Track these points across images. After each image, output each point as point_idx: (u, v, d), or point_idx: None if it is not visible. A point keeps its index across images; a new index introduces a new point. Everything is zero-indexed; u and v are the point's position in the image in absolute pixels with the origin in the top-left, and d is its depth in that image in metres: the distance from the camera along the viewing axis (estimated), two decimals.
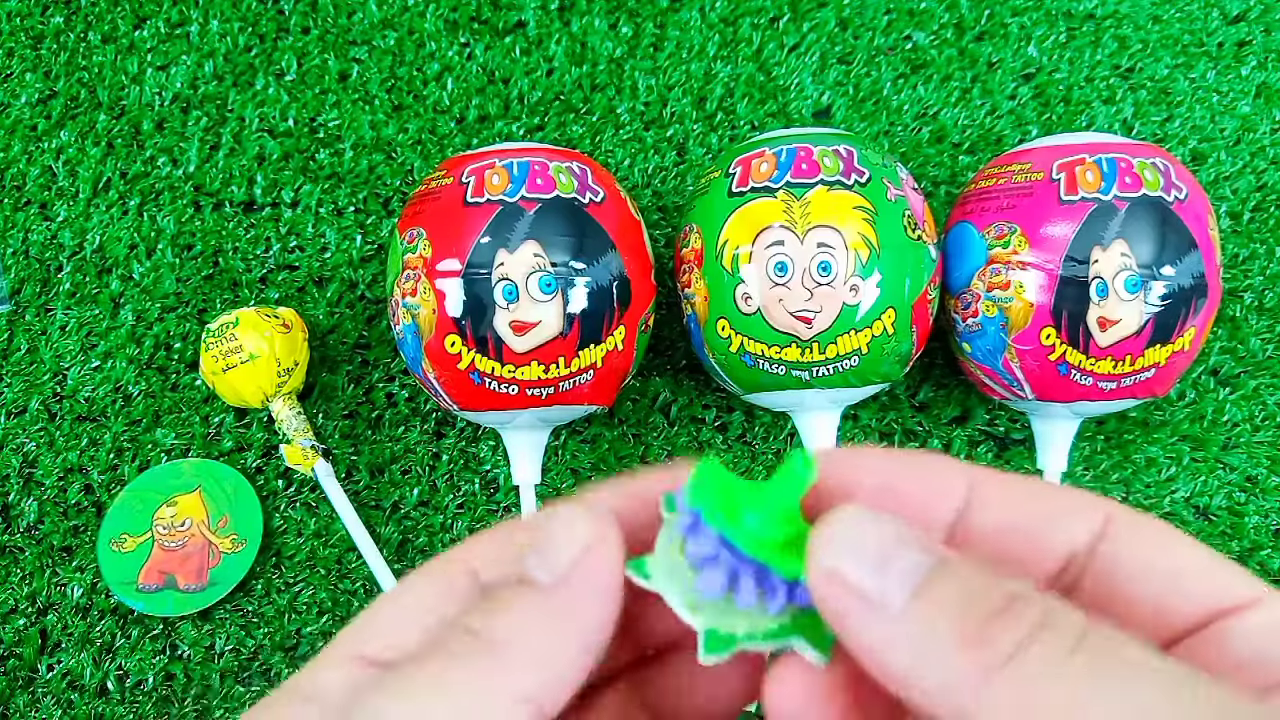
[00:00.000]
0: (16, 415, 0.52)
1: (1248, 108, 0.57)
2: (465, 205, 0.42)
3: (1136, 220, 0.41)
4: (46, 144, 0.57)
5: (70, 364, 0.53)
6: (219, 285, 0.54)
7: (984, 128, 0.57)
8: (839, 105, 0.57)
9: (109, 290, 0.54)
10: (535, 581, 0.16)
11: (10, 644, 0.48)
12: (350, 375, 0.52)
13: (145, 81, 0.58)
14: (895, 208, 0.43)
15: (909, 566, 0.14)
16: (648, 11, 0.59)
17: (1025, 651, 0.13)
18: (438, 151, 0.56)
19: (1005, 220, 0.44)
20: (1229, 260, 0.54)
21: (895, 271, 0.42)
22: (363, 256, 0.54)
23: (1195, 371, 0.52)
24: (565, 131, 0.57)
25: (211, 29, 0.58)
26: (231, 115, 0.57)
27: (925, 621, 0.14)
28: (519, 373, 0.42)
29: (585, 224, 0.43)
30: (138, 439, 0.51)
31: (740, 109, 0.57)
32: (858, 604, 0.14)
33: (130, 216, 0.55)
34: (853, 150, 0.43)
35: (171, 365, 0.53)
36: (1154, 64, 0.58)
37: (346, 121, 0.57)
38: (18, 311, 0.54)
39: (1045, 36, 0.58)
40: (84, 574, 0.49)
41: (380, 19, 0.59)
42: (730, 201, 0.43)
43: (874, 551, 0.15)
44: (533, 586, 0.16)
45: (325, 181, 0.56)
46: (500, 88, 0.58)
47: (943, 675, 0.13)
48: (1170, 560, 0.15)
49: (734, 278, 0.43)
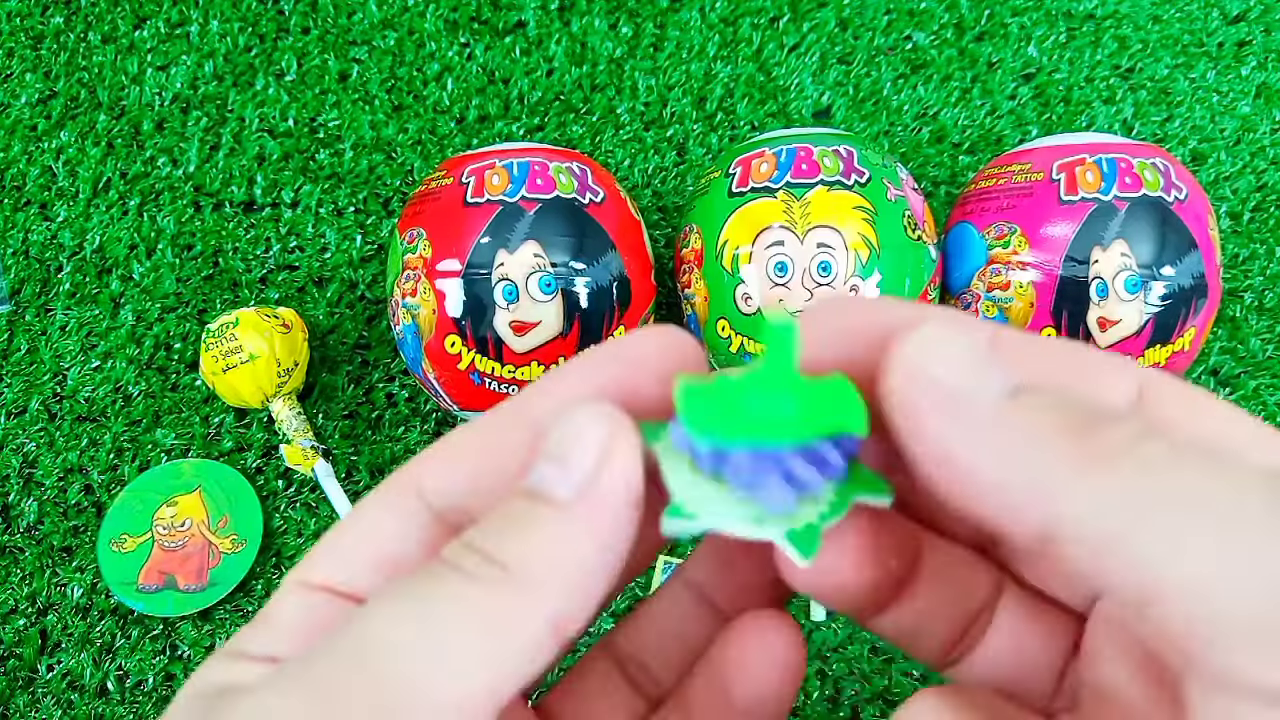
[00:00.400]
0: (16, 415, 0.52)
1: (1248, 108, 0.57)
2: (465, 205, 0.42)
3: (1136, 220, 0.41)
4: (46, 144, 0.57)
5: (70, 364, 0.53)
6: (219, 285, 0.54)
7: (984, 128, 0.57)
8: (839, 105, 0.57)
9: (109, 290, 0.54)
10: (553, 498, 0.14)
11: (10, 644, 0.48)
12: (350, 375, 0.52)
13: (145, 81, 0.58)
14: (895, 208, 0.43)
15: (1003, 373, 0.14)
16: (648, 11, 0.59)
17: (1131, 448, 0.12)
18: (438, 151, 0.56)
19: (1005, 220, 0.44)
20: (1229, 260, 0.54)
21: (895, 272, 0.42)
22: (363, 256, 0.54)
23: (1195, 371, 0.52)
24: (565, 131, 0.57)
25: (211, 29, 0.58)
26: (231, 115, 0.57)
27: (1025, 416, 0.13)
28: (519, 373, 0.42)
29: (585, 224, 0.43)
30: (138, 439, 0.51)
31: (740, 109, 0.57)
32: (945, 404, 0.14)
33: (130, 216, 0.55)
34: (853, 150, 0.43)
35: (171, 365, 0.53)
36: (1154, 64, 0.58)
37: (346, 121, 0.57)
38: (18, 311, 0.54)
39: (1045, 36, 0.58)
40: (84, 574, 0.49)
41: (380, 19, 0.59)
42: (730, 202, 0.43)
43: (966, 354, 0.14)
44: (550, 503, 0.14)
45: (325, 181, 0.56)
46: (500, 88, 0.58)
47: (1036, 472, 0.13)
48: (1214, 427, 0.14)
49: (734, 278, 0.43)
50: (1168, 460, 0.12)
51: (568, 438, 0.15)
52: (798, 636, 0.17)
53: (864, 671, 0.48)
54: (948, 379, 0.14)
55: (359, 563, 0.16)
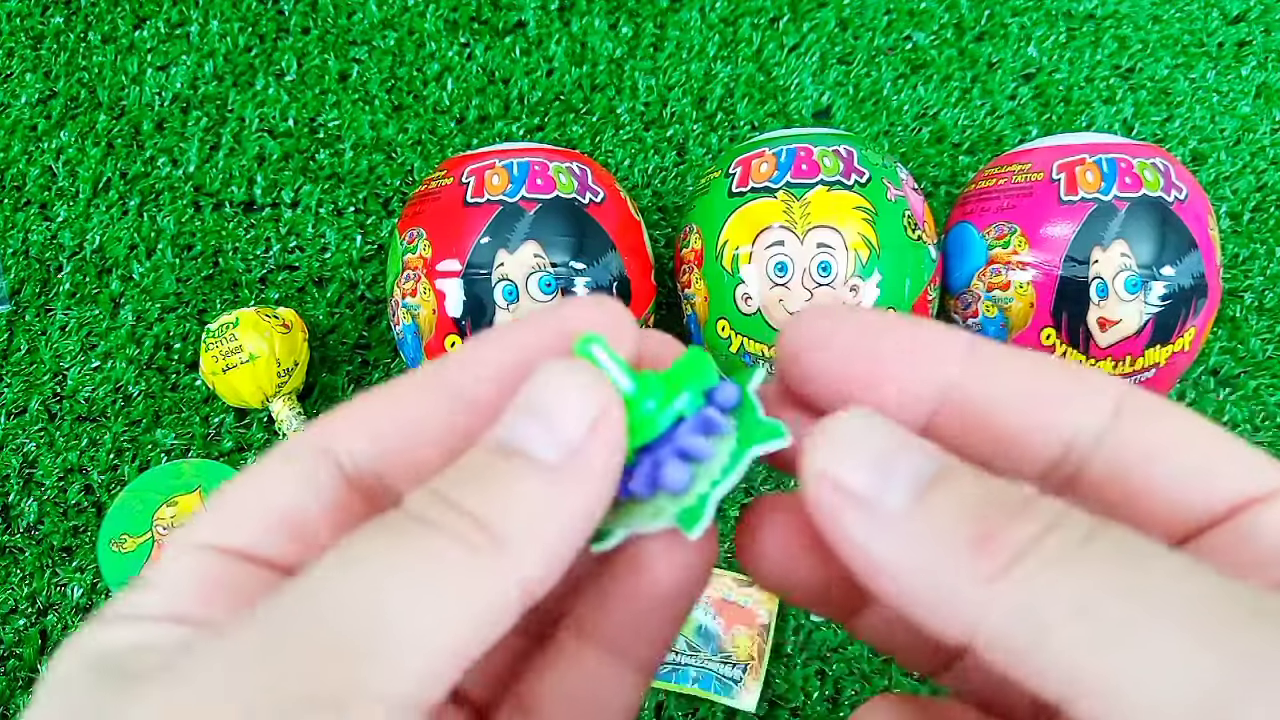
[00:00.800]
0: (16, 415, 0.52)
1: (1248, 108, 0.57)
2: (465, 205, 0.42)
3: (1136, 220, 0.41)
4: (46, 144, 0.57)
5: (70, 364, 0.53)
6: (219, 285, 0.54)
7: (984, 128, 0.57)
8: (839, 105, 0.57)
9: (109, 290, 0.54)
10: (536, 457, 0.14)
11: (10, 644, 0.48)
12: (350, 375, 0.52)
13: (145, 81, 0.58)
14: (895, 208, 0.43)
15: (911, 470, 0.13)
16: (648, 11, 0.59)
17: (1035, 548, 0.12)
18: (438, 151, 0.56)
19: (1005, 220, 0.44)
20: (1229, 260, 0.54)
21: (895, 272, 0.42)
22: (363, 256, 0.54)
23: (1195, 371, 0.52)
24: (565, 131, 0.57)
25: (211, 29, 0.58)
26: (231, 115, 0.57)
27: (928, 524, 0.13)
28: None
29: (585, 224, 0.43)
30: (138, 439, 0.51)
31: (740, 109, 0.57)
32: (854, 508, 0.13)
33: (130, 216, 0.55)
34: (853, 150, 0.43)
35: (171, 365, 0.53)
36: (1154, 64, 0.58)
37: (346, 121, 0.57)
38: (18, 311, 0.54)
39: (1045, 36, 0.58)
40: (84, 574, 0.49)
41: (380, 19, 0.59)
42: (730, 202, 0.43)
43: (874, 453, 0.13)
44: (533, 462, 0.14)
45: (325, 181, 0.56)
46: (500, 88, 0.58)
47: (945, 581, 0.12)
48: (1188, 448, 0.14)
49: (734, 278, 0.43)
50: (1074, 558, 0.12)
51: (551, 393, 0.14)
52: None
53: (864, 671, 0.48)
54: (854, 484, 0.13)
55: (256, 523, 0.15)
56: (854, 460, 0.14)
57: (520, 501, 0.13)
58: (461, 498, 0.13)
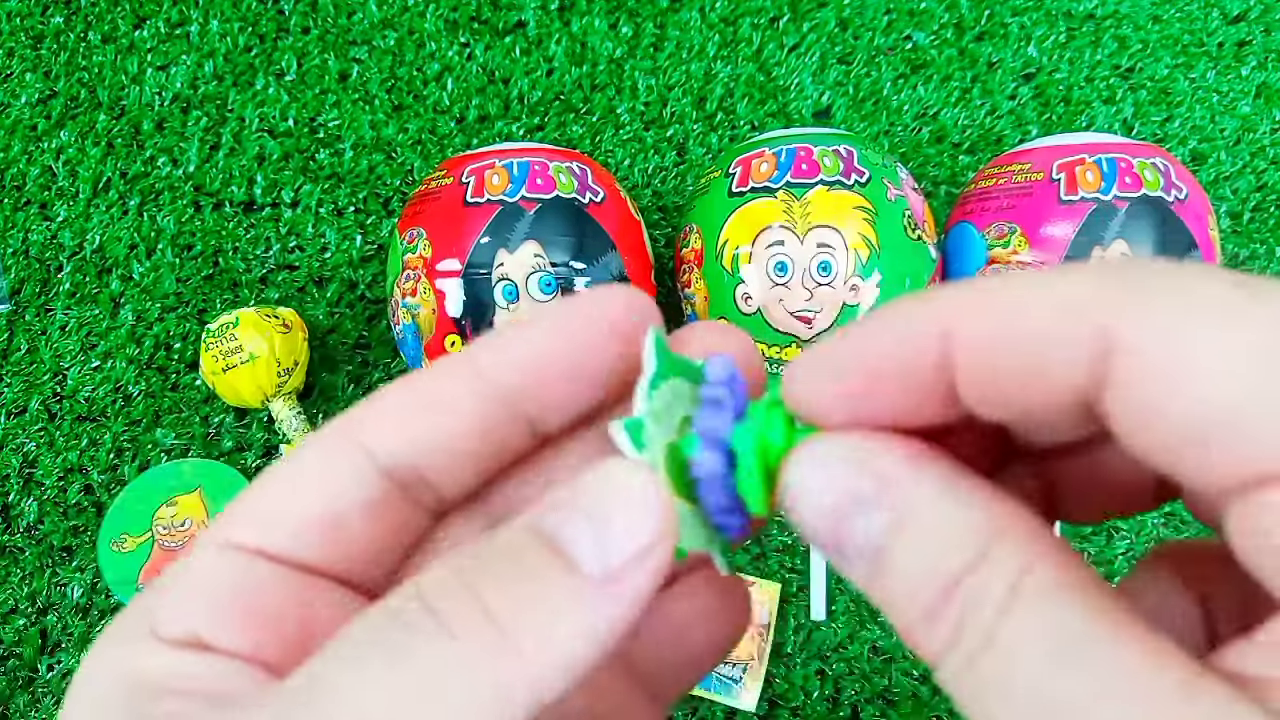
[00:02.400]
0: (16, 415, 0.52)
1: (1248, 108, 0.57)
2: (465, 205, 0.42)
3: (1136, 220, 0.41)
4: (46, 144, 0.57)
5: (70, 364, 0.53)
6: (219, 285, 0.54)
7: (984, 128, 0.57)
8: (839, 105, 0.57)
9: (109, 290, 0.54)
10: (577, 564, 0.13)
11: (10, 644, 0.48)
12: (350, 375, 0.52)
13: (145, 81, 0.58)
14: (895, 208, 0.43)
15: (864, 537, 0.13)
16: (648, 11, 0.59)
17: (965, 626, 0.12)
18: (438, 151, 0.56)
19: (1005, 220, 0.44)
20: (1229, 260, 0.54)
21: (895, 271, 0.42)
22: (363, 256, 0.54)
23: None
24: (565, 131, 0.57)
25: (211, 29, 0.58)
26: (231, 115, 0.57)
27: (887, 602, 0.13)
28: None
29: (585, 224, 0.43)
30: (138, 439, 0.51)
31: (740, 109, 0.57)
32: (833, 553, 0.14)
33: (130, 216, 0.55)
34: (853, 150, 0.43)
35: (171, 365, 0.53)
36: (1154, 64, 0.58)
37: (346, 121, 0.57)
38: (18, 311, 0.54)
39: (1045, 36, 0.58)
40: (84, 574, 0.49)
41: (380, 19, 0.59)
42: (730, 201, 0.43)
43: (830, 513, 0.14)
44: (572, 570, 0.13)
45: (325, 181, 0.56)
46: (500, 88, 0.58)
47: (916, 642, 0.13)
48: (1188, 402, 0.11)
49: (734, 278, 0.43)
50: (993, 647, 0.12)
51: (613, 501, 0.13)
52: None
53: (864, 671, 0.48)
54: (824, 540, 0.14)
55: (294, 522, 0.14)
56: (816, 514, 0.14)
57: (547, 607, 0.13)
58: (480, 586, 0.13)
